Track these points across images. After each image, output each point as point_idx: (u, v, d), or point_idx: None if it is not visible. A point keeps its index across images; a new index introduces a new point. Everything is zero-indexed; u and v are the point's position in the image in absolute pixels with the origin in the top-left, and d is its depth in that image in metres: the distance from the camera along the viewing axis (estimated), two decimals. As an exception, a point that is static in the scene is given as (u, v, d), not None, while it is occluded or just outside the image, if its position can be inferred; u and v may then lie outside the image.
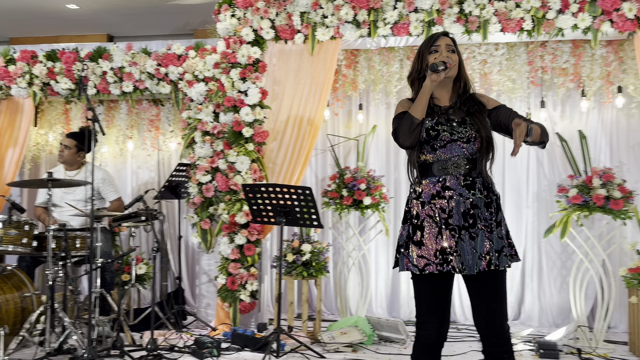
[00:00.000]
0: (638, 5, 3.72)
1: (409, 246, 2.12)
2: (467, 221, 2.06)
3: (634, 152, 4.59)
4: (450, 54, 2.15)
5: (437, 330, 2.12)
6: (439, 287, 2.11)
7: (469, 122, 2.14)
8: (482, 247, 2.05)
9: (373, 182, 4.29)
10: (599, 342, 3.89)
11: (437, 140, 2.11)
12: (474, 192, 2.09)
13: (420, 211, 2.11)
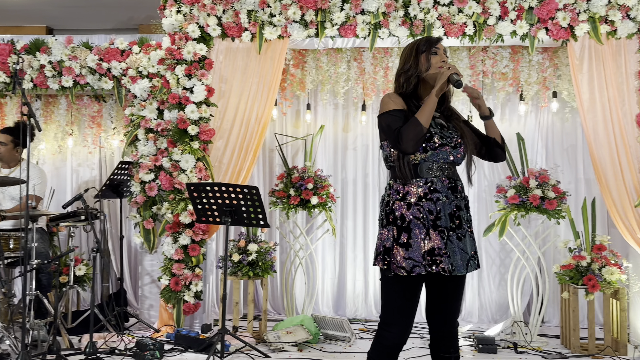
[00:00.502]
0: (571, 15, 3.91)
1: (394, 248, 2.10)
2: (454, 222, 2.11)
3: (568, 154, 4.82)
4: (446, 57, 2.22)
5: (401, 333, 2.13)
6: (416, 289, 2.13)
7: (452, 128, 2.21)
8: (472, 247, 2.15)
9: (320, 182, 4.32)
10: (534, 336, 4.06)
11: (429, 142, 2.13)
12: (457, 195, 2.15)
13: (406, 213, 2.11)
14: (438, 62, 2.17)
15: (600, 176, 3.97)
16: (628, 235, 3.94)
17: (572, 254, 3.95)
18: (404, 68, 2.21)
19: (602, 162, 3.96)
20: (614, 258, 3.85)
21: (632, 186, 3.92)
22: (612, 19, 3.89)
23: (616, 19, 3.88)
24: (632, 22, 3.90)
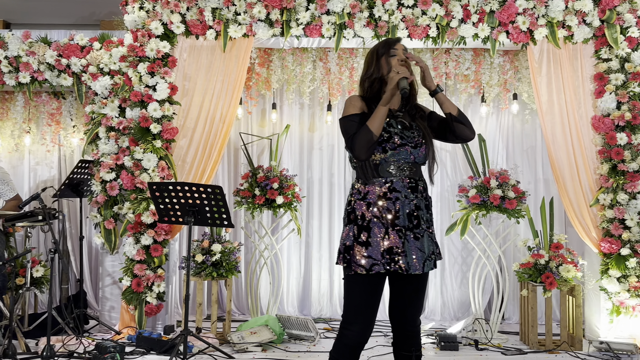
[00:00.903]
0: (531, 20, 4.01)
1: (354, 247, 2.13)
2: (412, 222, 2.13)
3: (527, 155, 4.94)
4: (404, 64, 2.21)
5: (362, 331, 2.14)
6: (377, 288, 2.14)
7: (415, 128, 2.22)
8: (430, 247, 2.15)
9: (286, 182, 4.31)
10: (494, 333, 4.15)
11: (388, 142, 2.16)
12: (416, 195, 2.16)
13: (366, 212, 2.14)
14: (396, 63, 2.20)
15: (558, 177, 4.09)
16: (584, 234, 4.06)
17: (531, 252, 4.05)
18: (367, 73, 2.25)
19: (560, 163, 4.07)
20: (571, 256, 3.97)
21: (587, 186, 4.05)
22: (569, 24, 4.01)
23: (573, 24, 4.00)
24: (587, 28, 4.02)
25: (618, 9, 3.98)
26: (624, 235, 3.88)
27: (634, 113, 3.91)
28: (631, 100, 3.95)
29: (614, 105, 3.97)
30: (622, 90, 3.95)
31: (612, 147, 3.95)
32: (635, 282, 3.86)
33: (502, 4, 4.02)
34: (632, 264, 3.85)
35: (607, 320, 3.95)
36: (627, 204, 3.91)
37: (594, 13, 3.99)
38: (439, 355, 3.75)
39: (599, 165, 4.01)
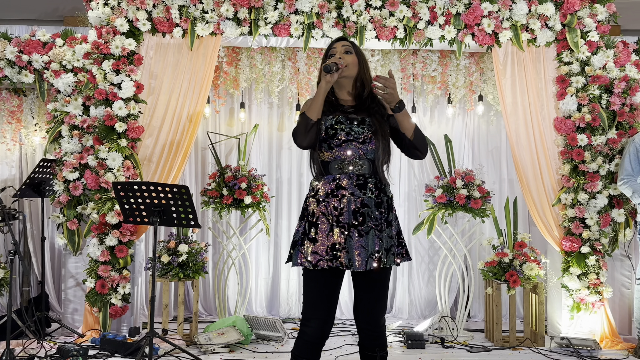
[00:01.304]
0: (496, 22, 4.08)
1: (303, 242, 2.17)
2: (357, 219, 2.13)
3: (492, 156, 5.04)
4: (345, 55, 2.23)
5: (321, 327, 2.15)
6: (329, 283, 2.15)
7: (368, 123, 2.21)
8: (373, 245, 2.13)
9: (254, 181, 4.28)
10: (460, 330, 4.22)
11: (334, 139, 2.17)
12: (365, 192, 2.16)
13: (315, 208, 2.18)
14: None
15: (522, 177, 4.18)
16: (546, 233, 4.16)
17: (495, 251, 4.13)
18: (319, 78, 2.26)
19: (523, 164, 4.16)
20: (534, 254, 4.06)
21: (550, 186, 4.15)
22: (533, 27, 4.10)
23: (536, 28, 4.10)
24: (550, 31, 4.12)
25: (579, 13, 4.09)
26: (584, 234, 3.99)
27: (593, 115, 4.03)
28: (591, 103, 4.06)
29: (574, 107, 4.08)
30: (582, 92, 4.06)
31: (573, 148, 4.06)
32: (595, 279, 3.97)
33: (468, 6, 4.09)
34: (591, 262, 3.96)
35: (568, 317, 4.06)
36: (587, 204, 4.02)
37: (556, 17, 4.09)
38: (406, 353, 3.78)
39: (561, 166, 4.12)
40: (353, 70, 2.24)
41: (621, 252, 4.19)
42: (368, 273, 2.14)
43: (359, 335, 2.24)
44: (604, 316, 4.02)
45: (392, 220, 2.23)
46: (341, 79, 2.22)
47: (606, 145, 4.07)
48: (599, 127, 4.06)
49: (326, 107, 2.21)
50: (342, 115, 2.22)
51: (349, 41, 2.30)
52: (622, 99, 4.10)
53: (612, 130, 4.09)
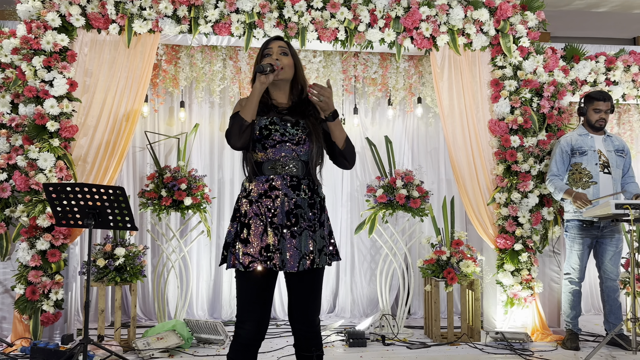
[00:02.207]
0: (433, 26, 4.19)
1: (235, 243, 2.13)
2: (290, 220, 2.12)
3: (431, 156, 5.17)
4: (281, 57, 2.20)
5: (255, 328, 2.12)
6: (262, 284, 2.12)
7: (302, 125, 2.19)
8: (306, 246, 2.12)
9: (194, 182, 4.21)
10: (401, 328, 4.30)
11: (268, 139, 2.15)
12: (298, 193, 2.14)
13: (248, 209, 2.14)
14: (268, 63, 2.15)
15: (458, 177, 4.31)
16: (481, 231, 4.31)
17: (433, 249, 4.23)
18: (254, 73, 2.23)
19: (460, 164, 4.29)
20: (470, 252, 4.20)
21: (485, 186, 4.30)
22: (468, 32, 4.23)
23: (471, 32, 4.24)
24: (485, 36, 4.27)
25: (511, 19, 4.26)
26: (517, 232, 4.16)
27: (525, 117, 4.21)
28: (523, 106, 4.24)
29: (508, 110, 4.25)
30: (515, 95, 4.24)
31: (507, 149, 4.22)
32: (527, 275, 4.15)
33: (407, 10, 4.17)
34: (524, 258, 4.14)
35: (503, 312, 4.22)
36: (520, 203, 4.20)
37: (490, 23, 4.25)
38: (347, 352, 3.82)
39: (495, 166, 4.28)
40: (289, 72, 2.22)
41: (550, 248, 4.40)
42: (301, 274, 2.14)
43: (294, 336, 2.23)
44: (535, 310, 4.20)
45: (324, 221, 2.22)
46: (276, 81, 2.20)
47: (537, 146, 4.26)
48: (530, 129, 4.25)
49: (260, 108, 2.18)
50: (277, 116, 2.20)
51: (285, 41, 2.27)
52: (551, 102, 4.31)
53: (542, 132, 4.28)
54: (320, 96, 2.08)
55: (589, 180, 3.92)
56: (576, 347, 3.87)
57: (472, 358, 3.67)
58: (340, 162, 2.25)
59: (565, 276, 4.02)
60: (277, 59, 2.19)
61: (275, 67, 2.13)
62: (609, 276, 3.96)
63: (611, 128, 5.00)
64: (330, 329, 4.34)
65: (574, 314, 3.97)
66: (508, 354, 3.77)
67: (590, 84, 4.49)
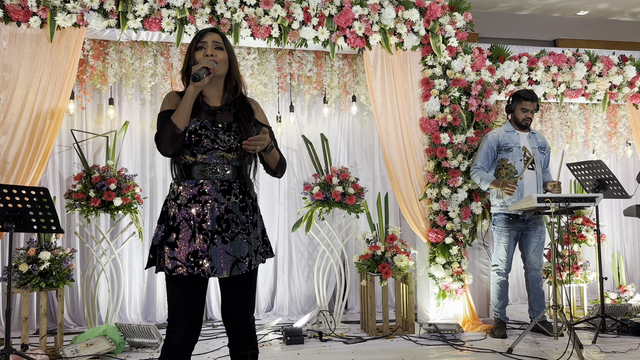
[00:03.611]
0: (366, 26, 4.26)
1: (163, 247, 2.07)
2: (221, 226, 2.06)
3: (366, 154, 5.25)
4: (216, 51, 2.10)
5: (187, 332, 2.07)
6: (192, 288, 2.07)
7: (234, 129, 2.10)
8: (242, 250, 2.08)
9: (125, 182, 4.07)
10: (338, 323, 4.35)
11: (197, 146, 2.06)
12: (229, 197, 2.08)
13: (177, 213, 2.08)
14: (201, 57, 2.09)
15: (392, 173, 4.40)
16: (414, 226, 4.42)
17: (369, 244, 4.30)
18: (184, 67, 2.16)
19: (393, 161, 4.38)
20: (404, 247, 4.30)
21: (417, 182, 4.41)
22: (400, 31, 4.33)
23: (403, 32, 4.33)
24: (415, 36, 4.38)
25: (440, 20, 4.39)
26: (447, 226, 4.30)
27: (454, 115, 4.35)
28: (452, 104, 4.38)
29: (438, 108, 4.38)
30: (444, 94, 4.37)
31: (437, 146, 4.35)
32: (457, 267, 4.30)
33: (340, 9, 4.21)
34: (454, 252, 4.28)
35: (435, 304, 4.35)
36: (450, 198, 4.34)
37: (421, 23, 4.36)
38: (285, 349, 3.82)
39: (427, 163, 4.40)
40: (223, 68, 2.13)
41: (479, 241, 4.58)
42: (237, 276, 2.11)
43: (229, 336, 2.20)
44: (465, 301, 4.36)
45: (257, 221, 2.18)
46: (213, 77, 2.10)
47: (465, 143, 4.42)
48: (459, 127, 4.40)
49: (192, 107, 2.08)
50: (208, 118, 2.10)
51: (219, 34, 2.15)
52: (478, 100, 4.48)
53: (471, 130, 4.45)
54: (256, 147, 1.99)
55: (515, 176, 4.11)
56: (504, 335, 4.05)
57: (406, 350, 3.76)
58: (271, 174, 2.21)
59: (493, 268, 4.19)
60: (212, 54, 2.09)
61: (212, 70, 2.03)
62: (532, 266, 4.17)
63: (534, 125, 5.26)
64: (267, 328, 4.33)
65: (501, 303, 4.15)
66: (440, 344, 3.89)
67: (515, 83, 4.70)
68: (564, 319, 3.50)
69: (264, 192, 5.01)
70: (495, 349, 3.73)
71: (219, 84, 2.16)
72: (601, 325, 4.09)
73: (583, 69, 4.79)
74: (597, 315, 4.20)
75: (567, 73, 4.79)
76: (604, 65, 4.88)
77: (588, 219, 4.91)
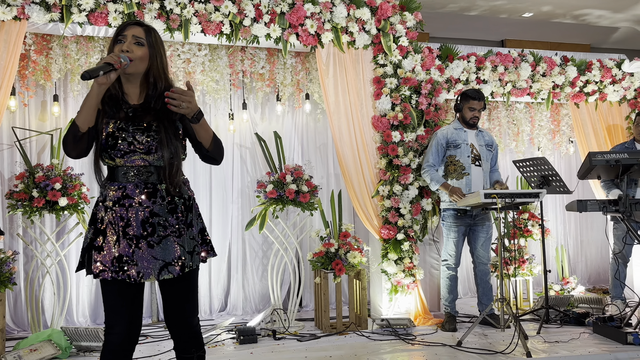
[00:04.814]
0: (318, 24, 4.27)
1: (91, 250, 2.01)
2: (146, 230, 1.99)
3: (320, 151, 5.27)
4: (134, 47, 1.98)
5: (125, 334, 2.02)
6: (126, 291, 2.02)
7: (154, 129, 2.01)
8: (172, 253, 2.01)
9: (70, 181, 3.94)
10: (292, 321, 4.35)
11: (114, 149, 1.98)
12: (154, 200, 2.01)
13: (103, 216, 2.02)
14: (117, 52, 1.97)
15: (345, 171, 4.43)
16: (367, 222, 4.47)
17: (323, 242, 4.32)
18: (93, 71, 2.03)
19: (346, 159, 4.41)
20: (357, 243, 4.34)
21: (369, 180, 4.46)
22: (351, 30, 4.36)
23: (354, 31, 4.37)
24: (367, 35, 4.42)
25: (391, 19, 4.45)
26: (399, 222, 4.37)
27: (405, 114, 4.42)
28: (403, 102, 4.45)
29: (389, 107, 4.43)
30: (395, 93, 4.43)
31: (389, 144, 4.41)
32: (409, 263, 4.37)
33: (291, 6, 4.21)
34: (406, 247, 4.35)
35: (388, 299, 4.41)
36: (401, 195, 4.41)
37: (372, 22, 4.41)
38: (238, 349, 3.79)
39: (379, 160, 4.45)
40: (140, 65, 2.00)
41: (430, 237, 4.67)
42: (174, 279, 2.04)
43: (174, 339, 2.15)
44: (417, 296, 4.44)
45: (192, 221, 2.10)
46: (127, 74, 2.00)
47: (416, 141, 4.49)
48: (410, 125, 4.47)
49: (109, 106, 2.00)
50: (126, 119, 2.01)
51: (144, 27, 2.04)
52: (428, 99, 4.56)
53: (421, 128, 4.53)
54: (181, 103, 1.88)
55: (462, 172, 4.21)
56: (454, 329, 4.15)
57: (359, 346, 3.80)
58: (208, 161, 2.12)
59: (443, 262, 4.29)
60: (127, 50, 1.97)
61: (117, 66, 1.88)
62: (481, 261, 4.28)
63: (482, 124, 5.41)
64: (220, 328, 4.28)
65: (451, 297, 4.25)
66: (393, 339, 3.95)
67: (463, 82, 4.81)
68: (510, 311, 3.61)
69: (217, 190, 4.96)
70: (446, 342, 3.82)
71: (138, 82, 2.05)
72: (545, 316, 4.25)
73: (528, 69, 4.96)
74: (541, 307, 4.36)
75: (513, 73, 4.95)
76: (547, 65, 5.06)
77: (534, 214, 5.09)
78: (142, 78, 2.06)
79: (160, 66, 2.06)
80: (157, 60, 2.04)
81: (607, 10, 5.67)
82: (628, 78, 5.34)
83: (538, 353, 3.50)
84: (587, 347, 3.61)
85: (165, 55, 2.10)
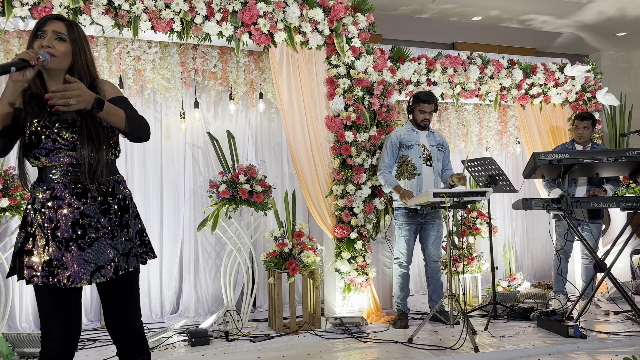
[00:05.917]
0: (271, 23, 4.25)
1: (22, 254, 1.93)
2: (76, 232, 1.92)
3: (275, 151, 5.25)
4: (55, 42, 1.90)
5: (62, 340, 1.95)
6: (60, 296, 1.96)
7: (78, 124, 1.92)
8: (105, 256, 1.94)
9: (12, 182, 3.79)
10: (245, 322, 4.32)
11: (38, 148, 1.90)
12: (85, 201, 1.94)
13: (33, 219, 1.94)
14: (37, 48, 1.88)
15: (299, 171, 4.43)
16: (321, 222, 4.49)
17: (276, 242, 4.31)
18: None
19: (300, 159, 4.42)
20: (311, 243, 4.35)
21: (323, 179, 4.48)
22: (305, 30, 4.37)
23: (308, 31, 4.38)
24: (320, 35, 4.44)
25: (344, 20, 4.48)
26: (352, 221, 4.41)
27: (358, 114, 4.47)
28: (355, 103, 4.49)
29: (342, 107, 4.47)
30: (348, 93, 4.47)
31: (342, 144, 4.45)
32: (362, 261, 4.42)
33: (244, 5, 4.18)
34: (359, 246, 4.40)
35: (341, 298, 4.45)
36: (354, 194, 4.45)
37: (325, 22, 4.43)
38: (189, 351, 3.74)
39: (332, 160, 4.48)
40: (63, 62, 1.93)
41: (382, 236, 4.74)
42: (111, 282, 1.99)
43: (116, 344, 2.09)
44: (370, 294, 4.50)
45: (128, 221, 2.03)
46: (49, 70, 1.92)
47: (369, 141, 4.55)
48: (362, 125, 4.52)
49: (31, 105, 1.92)
50: (49, 117, 1.92)
51: (65, 22, 1.95)
52: (380, 100, 4.62)
53: (374, 128, 4.58)
54: (68, 100, 1.74)
55: (414, 172, 4.29)
56: (405, 326, 4.22)
57: (313, 345, 3.81)
58: (136, 141, 2.01)
59: (395, 260, 4.36)
60: (49, 45, 1.89)
61: (33, 62, 1.79)
62: (432, 258, 4.37)
63: (433, 124, 5.52)
64: (172, 330, 4.21)
65: (403, 295, 4.32)
66: (346, 337, 3.98)
67: (414, 84, 4.90)
68: (459, 307, 3.71)
69: (168, 190, 4.87)
70: (397, 339, 3.88)
71: (61, 78, 1.96)
72: (493, 311, 4.38)
73: (476, 71, 5.10)
74: (489, 303, 4.50)
75: (462, 75, 5.08)
76: (495, 68, 5.22)
77: (482, 213, 5.24)
78: (64, 74, 1.97)
79: (85, 62, 1.99)
80: (81, 56, 1.97)
81: (551, 16, 5.89)
82: (570, 81, 5.57)
83: (485, 348, 3.60)
84: (531, 341, 3.74)
85: (89, 51, 2.02)
